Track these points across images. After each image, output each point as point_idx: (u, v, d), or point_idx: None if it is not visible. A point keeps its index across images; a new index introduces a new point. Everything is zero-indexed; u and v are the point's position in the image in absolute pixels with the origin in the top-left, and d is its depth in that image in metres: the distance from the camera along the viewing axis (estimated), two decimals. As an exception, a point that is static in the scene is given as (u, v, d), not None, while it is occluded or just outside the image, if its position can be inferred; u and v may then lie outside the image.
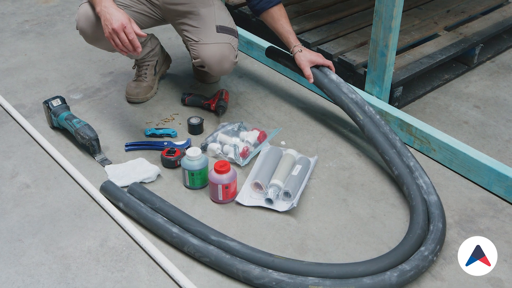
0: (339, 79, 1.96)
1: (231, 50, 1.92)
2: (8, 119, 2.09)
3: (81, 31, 1.87)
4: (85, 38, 1.89)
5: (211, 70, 1.95)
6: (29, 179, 1.79)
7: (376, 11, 1.91)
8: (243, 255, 1.45)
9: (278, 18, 1.94)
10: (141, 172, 1.77)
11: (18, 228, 1.60)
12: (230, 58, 1.92)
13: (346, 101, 1.87)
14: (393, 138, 1.79)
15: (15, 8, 3.09)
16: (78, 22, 1.85)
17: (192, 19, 1.94)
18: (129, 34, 1.66)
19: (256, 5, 1.94)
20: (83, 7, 1.83)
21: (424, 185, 1.66)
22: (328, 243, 1.56)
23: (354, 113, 1.85)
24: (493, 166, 1.71)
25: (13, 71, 2.44)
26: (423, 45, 2.38)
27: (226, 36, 1.91)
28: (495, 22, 2.58)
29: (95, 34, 1.84)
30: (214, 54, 1.89)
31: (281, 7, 1.95)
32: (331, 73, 1.97)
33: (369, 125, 1.81)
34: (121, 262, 1.49)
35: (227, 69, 1.95)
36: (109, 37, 1.67)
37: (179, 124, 2.06)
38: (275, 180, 1.70)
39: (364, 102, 1.90)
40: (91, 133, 1.84)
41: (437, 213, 1.56)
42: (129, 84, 2.19)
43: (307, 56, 1.94)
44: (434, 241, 1.47)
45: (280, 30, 1.95)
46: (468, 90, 2.31)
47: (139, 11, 1.97)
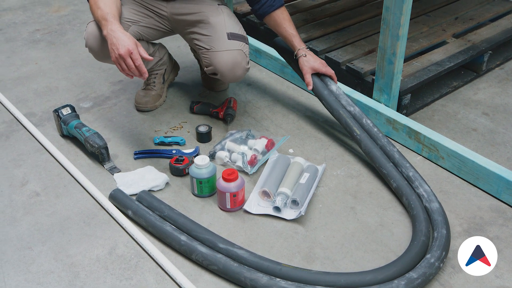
0: (338, 91, 1.96)
1: (243, 57, 1.92)
2: (19, 127, 2.12)
3: (90, 49, 1.88)
4: (94, 56, 1.91)
5: (223, 77, 1.96)
6: (39, 187, 1.80)
7: (383, 19, 1.91)
8: (251, 263, 1.45)
9: (281, 21, 1.94)
10: (149, 180, 1.78)
11: (28, 236, 1.61)
12: (242, 65, 1.93)
13: (343, 115, 1.90)
14: (391, 150, 1.80)
15: (26, 17, 3.13)
16: (87, 41, 1.86)
17: (203, 28, 1.96)
18: (135, 60, 1.66)
19: (258, 10, 1.95)
20: (91, 25, 1.84)
21: (425, 194, 1.66)
22: (336, 251, 1.56)
23: (351, 128, 1.87)
24: (502, 174, 1.70)
25: (24, 80, 2.47)
26: (431, 52, 2.38)
27: (238, 43, 1.92)
28: (504, 29, 2.57)
29: (104, 52, 1.84)
30: (226, 61, 1.90)
31: (283, 10, 1.96)
32: (331, 84, 1.97)
33: (366, 141, 1.83)
34: (129, 270, 1.50)
35: (239, 76, 1.96)
36: (115, 62, 1.69)
37: (188, 132, 2.07)
38: (283, 188, 1.71)
39: (362, 115, 1.91)
40: (100, 141, 1.86)
41: (440, 219, 1.57)
42: (138, 92, 2.21)
43: (311, 62, 1.94)
44: (440, 247, 1.47)
45: (284, 33, 1.96)
46: (477, 97, 2.30)
47: (147, 25, 1.98)
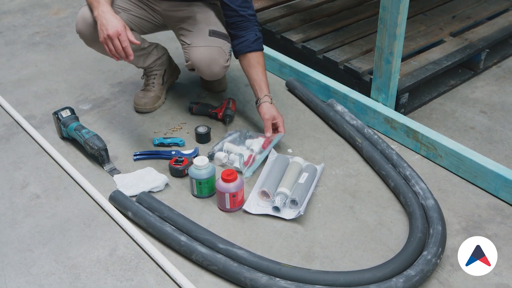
0: (343, 109, 2.11)
1: (221, 54, 1.93)
2: (19, 130, 2.13)
3: (79, 33, 1.91)
4: (84, 40, 1.94)
5: (200, 73, 1.97)
6: (39, 190, 1.81)
7: (380, 18, 1.92)
8: (250, 263, 1.46)
9: (255, 65, 1.94)
10: (149, 181, 1.79)
11: (29, 238, 1.62)
12: (219, 62, 1.93)
13: (347, 129, 2.00)
14: (389, 153, 1.88)
15: (26, 20, 3.14)
16: (76, 25, 1.90)
17: (188, 23, 1.98)
18: (123, 41, 1.70)
19: (236, 46, 1.96)
20: (82, 10, 1.88)
21: (421, 191, 1.69)
22: (335, 250, 1.57)
23: (354, 138, 1.97)
24: (500, 171, 1.71)
25: (24, 83, 2.48)
26: (429, 51, 2.39)
27: (218, 40, 1.93)
28: (501, 27, 2.57)
29: (93, 36, 1.87)
30: (203, 57, 1.91)
31: (260, 55, 1.95)
32: (337, 105, 2.12)
33: (367, 148, 1.91)
34: (130, 271, 1.51)
35: (217, 73, 1.96)
36: (103, 42, 1.73)
37: (187, 133, 2.08)
38: (282, 188, 1.71)
39: (364, 126, 2.03)
40: (100, 143, 1.87)
41: (435, 216, 1.59)
42: (137, 94, 2.22)
43: (273, 111, 1.93)
44: (436, 244, 1.48)
45: (254, 76, 1.94)
46: (475, 95, 2.31)
47: (138, 15, 2.01)
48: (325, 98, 2.23)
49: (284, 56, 2.44)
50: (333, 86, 2.19)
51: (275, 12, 2.79)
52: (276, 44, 2.58)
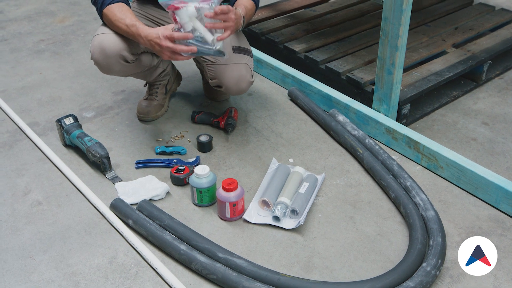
0: (345, 120, 2.11)
1: (247, 70, 1.94)
2: (22, 137, 2.14)
3: (95, 62, 1.89)
4: (100, 68, 1.91)
5: (228, 90, 1.98)
6: (41, 196, 1.82)
7: (382, 29, 1.93)
8: (249, 272, 1.46)
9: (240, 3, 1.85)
10: (150, 189, 1.80)
11: (29, 245, 1.63)
12: (247, 78, 1.95)
13: (348, 139, 2.01)
14: (390, 164, 1.87)
15: (31, 27, 3.17)
16: (92, 54, 1.87)
17: None
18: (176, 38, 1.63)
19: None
20: (97, 39, 1.85)
21: (421, 202, 1.69)
22: (335, 261, 1.57)
23: (355, 148, 1.97)
24: (501, 183, 1.71)
25: (28, 90, 2.50)
26: (431, 62, 2.39)
27: (242, 57, 1.94)
28: (504, 39, 2.58)
29: (109, 65, 1.87)
30: (232, 75, 1.92)
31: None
32: (339, 115, 2.12)
33: (368, 158, 1.91)
34: (129, 279, 1.51)
35: (244, 89, 1.98)
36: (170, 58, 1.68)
37: (189, 142, 2.09)
38: (282, 197, 1.72)
39: (365, 136, 2.03)
40: (102, 151, 1.88)
41: (435, 227, 1.58)
42: (140, 102, 2.23)
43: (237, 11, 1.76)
44: (435, 255, 1.48)
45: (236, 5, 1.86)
46: (477, 107, 2.31)
47: None
48: (327, 108, 2.24)
49: (287, 66, 2.45)
50: (335, 96, 2.20)
51: (278, 22, 2.81)
52: (279, 54, 2.59)
